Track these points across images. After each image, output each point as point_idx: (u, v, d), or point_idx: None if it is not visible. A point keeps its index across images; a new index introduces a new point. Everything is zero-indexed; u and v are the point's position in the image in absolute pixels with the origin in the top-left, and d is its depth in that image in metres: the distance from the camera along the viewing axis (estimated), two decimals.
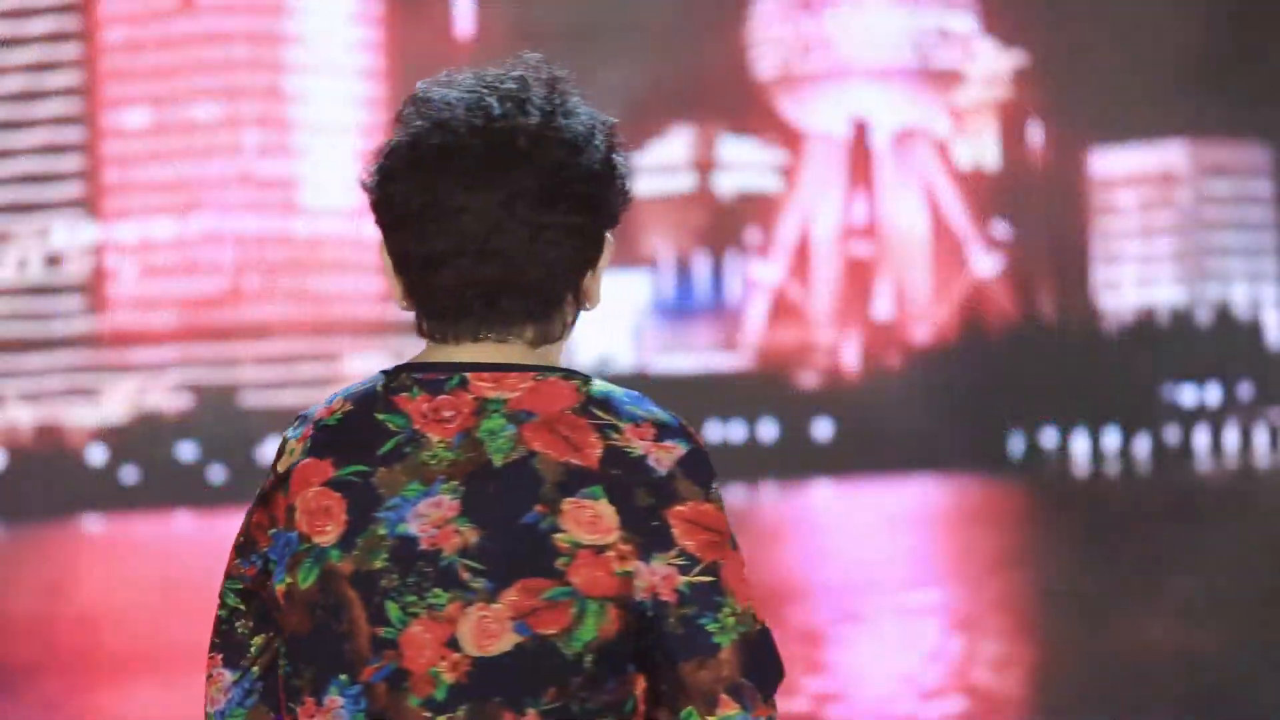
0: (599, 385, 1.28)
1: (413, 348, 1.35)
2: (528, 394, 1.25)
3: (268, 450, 25.72)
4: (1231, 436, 42.68)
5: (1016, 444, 44.36)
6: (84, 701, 6.13)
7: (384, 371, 1.27)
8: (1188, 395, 44.65)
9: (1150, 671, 6.26)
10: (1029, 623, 9.07)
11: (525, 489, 1.22)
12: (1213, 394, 44.27)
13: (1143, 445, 41.58)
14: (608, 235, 1.28)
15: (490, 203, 1.15)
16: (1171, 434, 42.87)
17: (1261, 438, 41.95)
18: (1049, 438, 43.91)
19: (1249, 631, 6.48)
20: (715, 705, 1.13)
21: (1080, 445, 43.51)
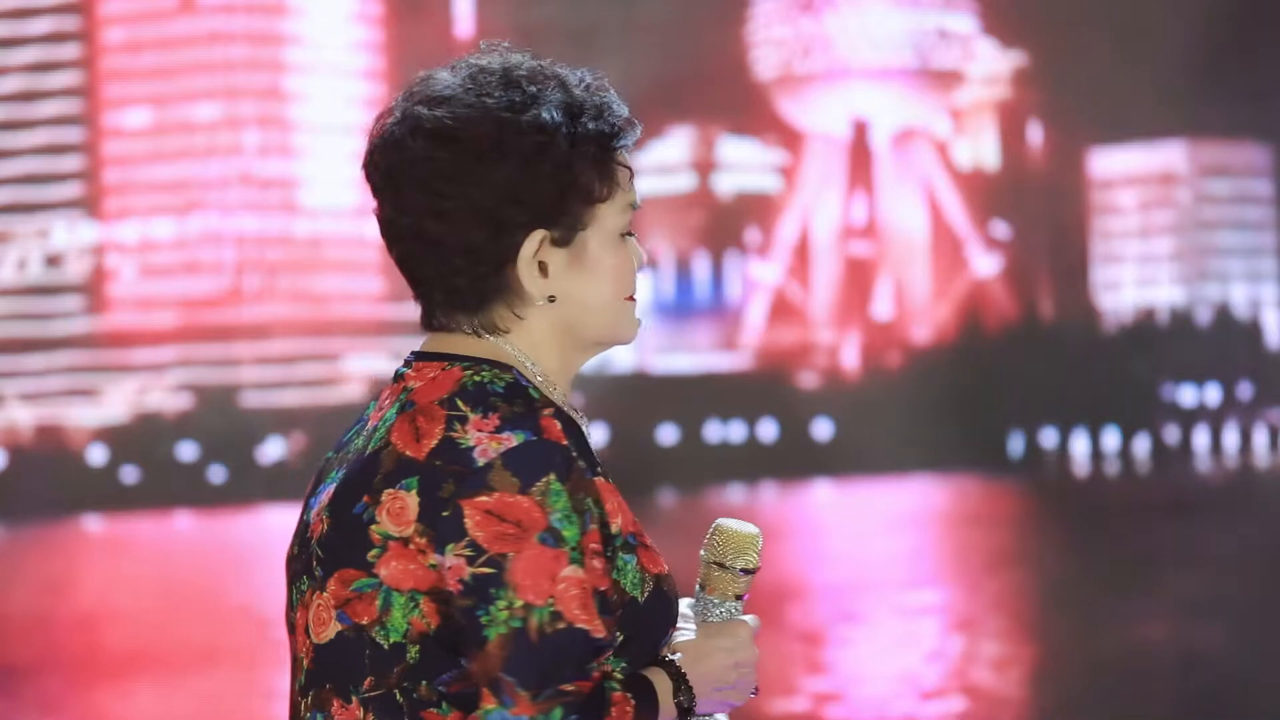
0: (483, 376, 1.29)
1: (414, 347, 1.36)
2: (426, 383, 1.29)
3: (268, 450, 25.84)
4: (1231, 436, 42.74)
5: (1016, 444, 44.73)
6: (84, 701, 6.15)
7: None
8: (1187, 395, 44.82)
9: (1150, 671, 6.29)
10: (1029, 623, 9.10)
11: (364, 479, 1.23)
12: (1213, 394, 44.43)
13: (1142, 445, 41.58)
14: (534, 236, 1.30)
15: (385, 209, 1.25)
16: (1171, 434, 42.89)
17: (1261, 438, 42.01)
18: (1049, 438, 44.08)
19: (1249, 631, 6.51)
20: (479, 699, 1.19)
21: (1080, 445, 43.70)
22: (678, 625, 1.30)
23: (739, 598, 1.30)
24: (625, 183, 1.33)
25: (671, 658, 1.28)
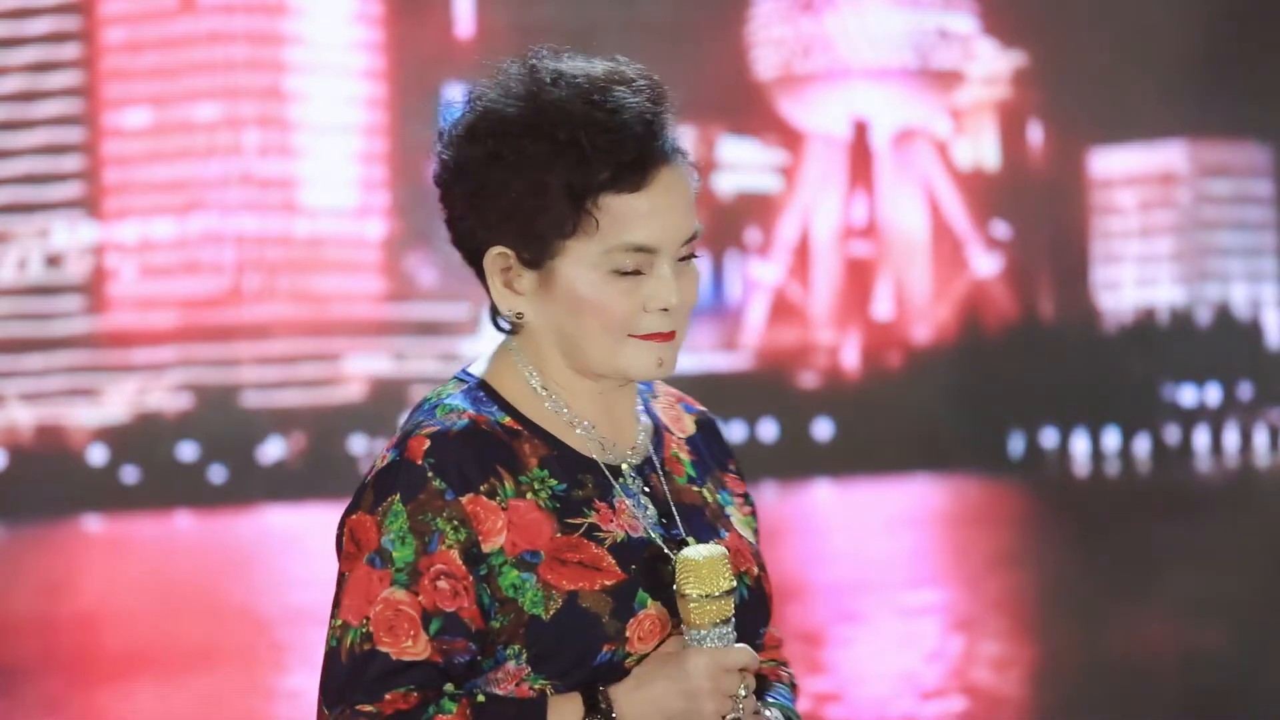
0: (443, 389, 1.31)
1: (415, 347, 1.36)
2: None
3: (268, 450, 25.83)
4: (1231, 436, 42.69)
5: (1016, 444, 44.74)
6: (84, 701, 6.14)
7: None
8: (1187, 395, 44.77)
9: (1150, 671, 6.28)
10: (1029, 623, 9.10)
11: None
12: (1213, 394, 44.38)
13: (1143, 445, 41.55)
14: (493, 251, 1.30)
15: None
16: (1171, 434, 42.83)
17: (1261, 438, 41.96)
18: (1049, 438, 44.04)
19: (1249, 631, 6.51)
20: None
21: (1080, 445, 43.68)
22: (624, 643, 1.28)
23: (725, 621, 1.28)
24: (614, 225, 1.28)
25: (605, 685, 1.26)
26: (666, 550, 1.27)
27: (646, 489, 1.30)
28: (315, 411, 25.39)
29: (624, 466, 1.30)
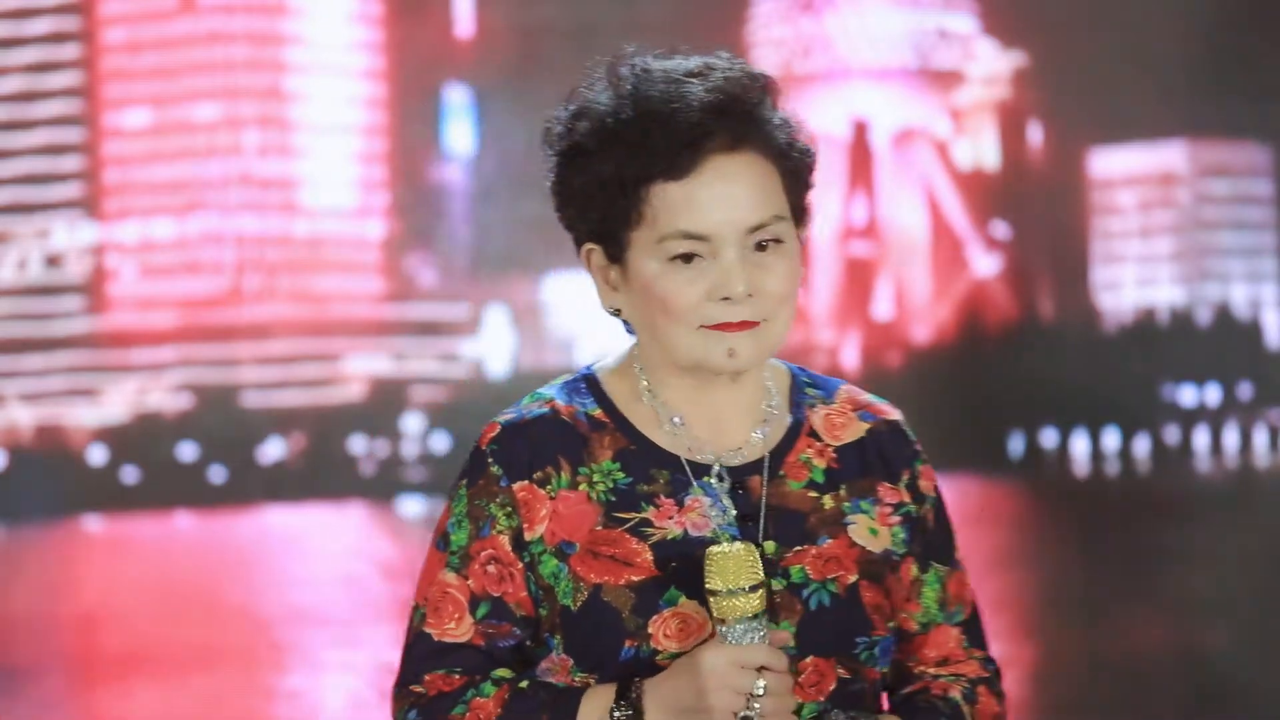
0: (556, 380, 1.33)
1: (415, 347, 1.37)
2: None
3: (268, 450, 25.79)
4: (1231, 436, 42.19)
5: (1016, 444, 44.19)
6: (84, 701, 6.15)
7: None
8: (1187, 395, 44.21)
9: (1150, 671, 6.28)
10: (1029, 623, 9.08)
11: None
12: (1213, 394, 43.81)
13: (1143, 445, 41.08)
14: (584, 248, 1.32)
15: None
16: (1171, 434, 42.32)
17: (1261, 438, 41.46)
18: (1049, 438, 43.51)
19: (1249, 631, 6.51)
20: None
21: (1080, 445, 43.16)
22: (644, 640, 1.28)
23: (754, 617, 1.27)
24: (665, 212, 1.29)
25: (640, 678, 1.27)
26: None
27: (740, 489, 1.30)
28: (315, 411, 25.34)
29: (714, 465, 1.30)
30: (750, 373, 1.32)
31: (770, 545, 1.29)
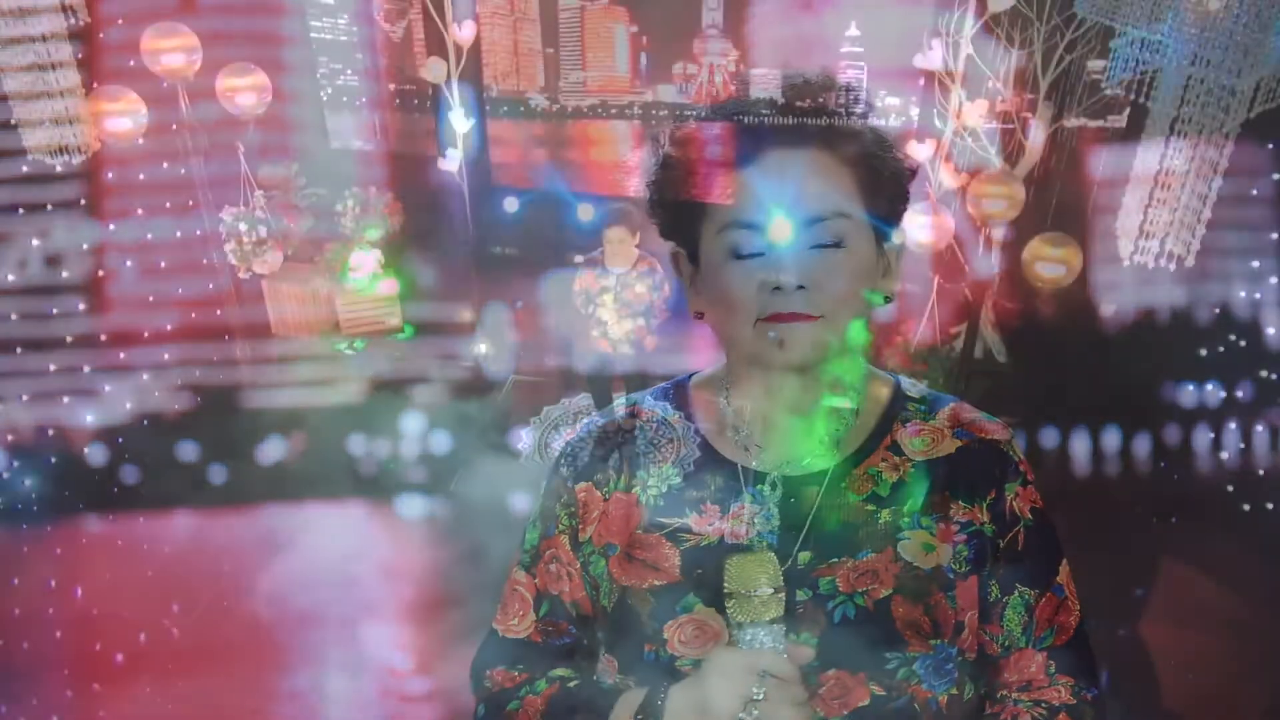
0: (661, 385, 1.35)
1: (415, 347, 1.37)
2: None
3: (268, 450, 25.86)
4: (1232, 437, 42.78)
5: (1016, 444, 45.31)
6: (84, 701, 6.15)
7: None
8: (1188, 395, 45.01)
9: (1150, 672, 6.28)
10: None
11: None
12: (1213, 394, 44.59)
13: (1143, 445, 41.64)
14: (671, 250, 1.32)
15: None
16: (1171, 434, 42.90)
17: (1261, 438, 42.03)
18: (1049, 438, 44.35)
19: (1248, 632, 6.51)
20: None
21: (1080, 445, 43.95)
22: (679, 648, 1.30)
23: (770, 623, 1.27)
24: (719, 206, 1.30)
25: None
26: None
27: (792, 499, 1.29)
28: (315, 411, 25.44)
29: (770, 474, 1.29)
30: (824, 380, 1.31)
31: (805, 556, 1.28)
